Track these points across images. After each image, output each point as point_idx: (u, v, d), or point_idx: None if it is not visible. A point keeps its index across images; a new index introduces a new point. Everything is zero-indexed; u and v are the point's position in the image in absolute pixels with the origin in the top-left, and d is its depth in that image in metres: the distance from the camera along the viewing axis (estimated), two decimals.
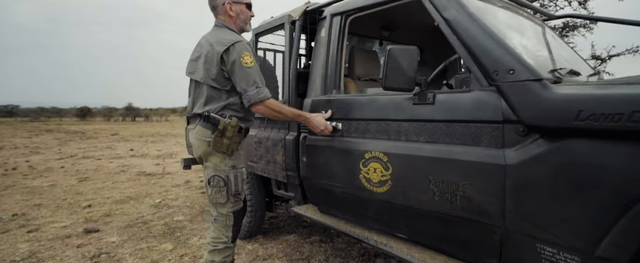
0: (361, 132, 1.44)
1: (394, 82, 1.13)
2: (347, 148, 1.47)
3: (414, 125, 1.22)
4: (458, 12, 1.06)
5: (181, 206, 3.44)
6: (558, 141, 0.86)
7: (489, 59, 0.97)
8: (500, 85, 0.95)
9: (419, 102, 1.19)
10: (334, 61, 1.74)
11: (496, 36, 0.99)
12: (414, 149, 1.20)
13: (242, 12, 1.54)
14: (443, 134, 1.11)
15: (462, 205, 1.02)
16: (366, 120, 1.42)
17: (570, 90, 0.85)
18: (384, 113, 1.33)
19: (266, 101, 1.43)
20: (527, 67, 0.91)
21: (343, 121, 1.52)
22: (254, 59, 1.45)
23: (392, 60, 1.13)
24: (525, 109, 0.90)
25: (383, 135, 1.34)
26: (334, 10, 1.81)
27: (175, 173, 5.23)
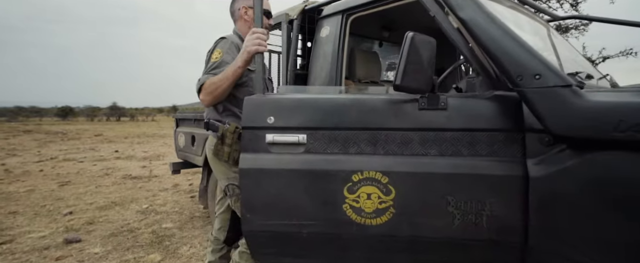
0: (343, 145, 1.06)
1: (413, 81, 0.93)
2: (320, 169, 1.06)
3: (421, 135, 1.02)
4: (475, 12, 0.99)
5: (170, 212, 3.29)
6: (591, 153, 0.80)
7: (512, 62, 0.89)
8: (524, 91, 0.88)
9: (428, 107, 1.02)
10: (335, 62, 1.66)
11: (519, 38, 0.91)
12: (425, 165, 1.00)
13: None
14: (462, 145, 0.99)
15: (489, 226, 0.93)
16: (351, 130, 1.06)
17: (607, 98, 0.78)
18: (380, 119, 1.05)
19: (202, 87, 1.31)
20: (555, 72, 0.84)
21: (310, 131, 1.08)
22: (222, 55, 1.37)
23: (414, 52, 0.92)
24: (554, 118, 0.83)
25: (379, 149, 1.04)
26: (335, 9, 1.73)
27: (162, 176, 5.05)
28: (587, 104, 0.79)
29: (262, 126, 1.11)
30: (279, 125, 1.11)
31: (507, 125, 0.95)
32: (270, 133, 1.10)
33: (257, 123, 1.11)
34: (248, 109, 1.13)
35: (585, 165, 0.80)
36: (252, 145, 1.12)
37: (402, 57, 0.94)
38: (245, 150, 1.13)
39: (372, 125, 1.06)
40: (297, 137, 1.10)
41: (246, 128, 1.13)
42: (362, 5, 1.59)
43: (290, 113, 1.11)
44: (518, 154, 0.92)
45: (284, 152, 1.10)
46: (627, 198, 0.75)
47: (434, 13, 1.09)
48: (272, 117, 1.11)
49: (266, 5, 1.49)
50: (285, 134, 1.11)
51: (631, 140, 0.73)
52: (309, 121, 1.10)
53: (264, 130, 1.11)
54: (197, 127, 2.75)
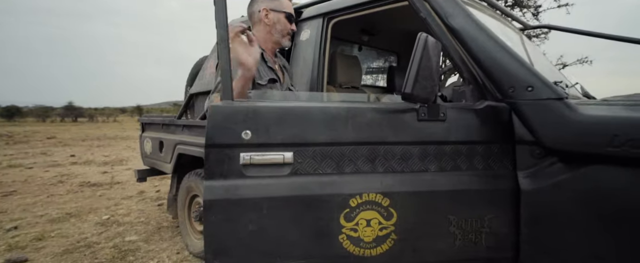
0: (337, 164, 0.91)
1: (422, 89, 0.84)
2: (312, 194, 0.90)
3: (422, 149, 0.94)
4: (466, 20, 0.97)
5: (134, 222, 3.05)
6: (584, 167, 0.80)
7: (504, 73, 0.88)
8: (517, 102, 0.87)
9: (429, 118, 0.94)
10: (316, 67, 1.60)
11: (510, 48, 0.91)
12: (427, 183, 0.92)
13: (278, 22, 1.34)
14: (461, 159, 0.94)
15: (487, 244, 0.91)
16: (348, 145, 0.92)
17: (600, 112, 0.79)
18: (380, 132, 0.93)
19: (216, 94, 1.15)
20: (548, 85, 0.84)
21: (298, 148, 0.91)
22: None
23: (427, 56, 0.84)
24: (547, 131, 0.83)
25: (379, 167, 0.93)
26: (316, 12, 1.67)
27: (126, 183, 4.71)
28: (580, 117, 0.79)
29: (234, 143, 0.88)
30: (258, 142, 0.89)
31: (500, 137, 0.93)
32: (246, 152, 0.88)
33: (228, 139, 0.87)
34: (215, 121, 0.88)
35: (578, 179, 0.80)
36: (220, 169, 0.87)
37: (414, 62, 0.85)
38: (211, 176, 0.87)
39: (371, 139, 0.93)
40: (282, 155, 0.89)
41: (212, 146, 0.87)
42: (345, 8, 1.55)
43: (272, 125, 0.90)
44: (509, 167, 0.92)
45: (265, 176, 0.89)
46: (620, 213, 0.75)
47: (425, 15, 1.06)
48: (248, 131, 0.88)
49: (289, 7, 1.37)
50: (266, 153, 0.89)
51: (625, 155, 0.73)
52: (296, 135, 0.90)
53: (238, 149, 0.88)
54: (166, 132, 2.57)
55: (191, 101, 2.40)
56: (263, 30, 1.36)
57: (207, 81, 2.15)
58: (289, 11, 1.36)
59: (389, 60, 2.49)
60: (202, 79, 2.22)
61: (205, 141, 0.88)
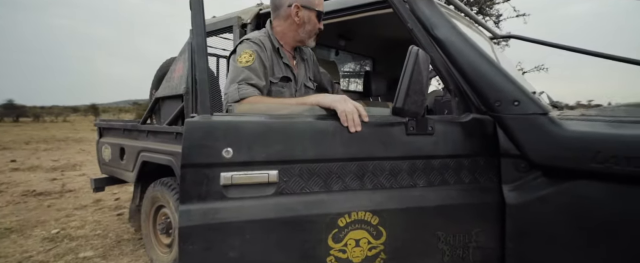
0: (325, 181, 0.88)
1: (413, 104, 0.83)
2: (299, 215, 0.86)
3: (411, 164, 0.92)
4: (450, 32, 0.97)
5: (89, 236, 2.79)
6: (568, 182, 0.82)
7: (490, 87, 0.90)
8: (502, 116, 0.88)
9: (417, 132, 0.93)
10: None
11: (495, 61, 0.92)
12: (416, 199, 0.91)
13: (309, 22, 1.25)
14: (449, 173, 0.94)
15: (474, 259, 0.92)
16: (336, 161, 0.89)
17: (585, 128, 0.81)
18: (369, 147, 0.90)
19: (246, 99, 1.07)
20: (533, 100, 0.86)
21: (284, 166, 0.86)
22: (255, 59, 1.14)
23: (418, 70, 0.83)
24: (533, 146, 0.85)
25: (367, 183, 0.90)
26: None
27: (80, 191, 4.32)
28: (565, 133, 0.82)
29: (214, 162, 0.82)
30: (240, 160, 0.83)
31: (486, 150, 0.95)
32: (227, 171, 0.82)
33: (207, 158, 0.82)
34: (192, 138, 0.82)
35: (562, 193, 0.82)
36: (198, 191, 0.81)
37: (405, 76, 0.84)
38: (188, 199, 0.80)
39: (360, 155, 0.90)
40: (266, 174, 0.84)
41: (188, 166, 0.81)
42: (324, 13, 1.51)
43: (256, 142, 0.85)
44: (495, 180, 0.93)
45: (248, 197, 0.84)
46: (603, 228, 0.78)
47: (412, 27, 1.05)
48: (229, 148, 0.82)
49: (321, 5, 1.27)
50: (249, 172, 0.83)
51: (608, 172, 0.76)
52: (281, 152, 0.86)
53: (218, 168, 0.82)
54: (128, 138, 2.38)
55: (157, 105, 2.24)
56: (289, 27, 1.26)
57: (175, 84, 2.02)
58: (321, 9, 1.28)
59: (364, 65, 2.50)
60: (170, 82, 2.07)
61: (181, 161, 0.81)
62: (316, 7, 1.27)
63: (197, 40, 0.84)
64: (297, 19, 1.24)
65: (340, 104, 0.93)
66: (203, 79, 0.84)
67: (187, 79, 1.88)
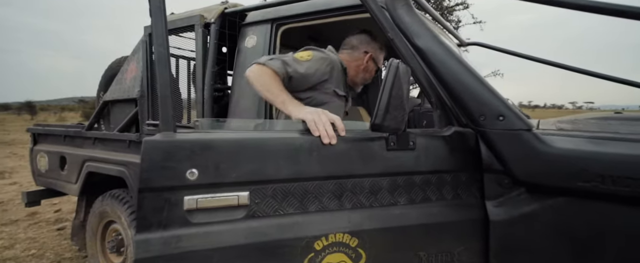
0: (300, 202, 0.84)
1: (393, 119, 0.81)
2: (272, 240, 0.81)
3: (391, 181, 0.89)
4: (432, 41, 0.94)
5: (21, 257, 2.44)
6: (552, 199, 0.82)
7: (474, 100, 0.88)
8: (486, 131, 0.87)
9: (398, 147, 0.89)
10: None
11: (478, 74, 0.91)
12: (397, 218, 0.87)
13: (370, 71, 1.41)
14: (430, 190, 0.91)
15: None
16: (312, 180, 0.84)
17: (569, 145, 0.81)
18: (348, 164, 0.87)
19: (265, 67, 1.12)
20: (518, 115, 0.85)
21: (255, 187, 0.81)
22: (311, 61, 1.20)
23: (398, 85, 0.80)
24: (518, 163, 0.84)
25: (346, 203, 0.86)
26: (263, 17, 1.52)
27: (10, 203, 3.79)
28: (551, 150, 0.81)
29: (176, 185, 0.75)
30: (207, 181, 0.77)
31: (469, 165, 0.92)
32: (192, 195, 0.76)
33: (169, 180, 0.75)
34: (151, 159, 0.74)
35: (547, 211, 0.82)
36: (157, 218, 0.74)
37: (385, 91, 0.80)
38: (146, 228, 0.73)
39: (338, 172, 0.86)
40: (236, 196, 0.78)
41: (147, 190, 0.74)
42: (297, 16, 1.43)
43: (224, 161, 0.78)
44: (478, 196, 0.91)
45: (215, 222, 0.77)
46: (588, 246, 0.79)
47: (393, 37, 1.01)
48: (194, 169, 0.76)
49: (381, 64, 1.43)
50: (217, 193, 0.77)
51: (595, 191, 0.76)
52: (253, 172, 0.80)
53: (181, 191, 0.75)
54: (71, 145, 2.11)
55: (106, 109, 2.01)
56: (355, 65, 1.39)
57: (128, 87, 1.81)
58: (381, 67, 1.47)
59: None
60: (121, 84, 1.86)
61: (139, 184, 0.73)
62: (379, 64, 1.45)
63: (159, 51, 0.78)
64: (365, 64, 1.39)
65: (310, 114, 0.91)
66: (165, 93, 0.78)
67: (141, 81, 1.70)
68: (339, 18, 1.35)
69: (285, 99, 1.05)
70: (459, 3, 6.66)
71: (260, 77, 1.11)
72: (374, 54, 1.39)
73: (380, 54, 1.43)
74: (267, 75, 1.10)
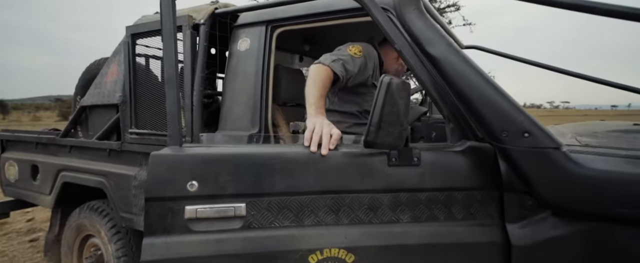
0: (296, 215, 0.85)
1: (387, 136, 0.79)
2: (267, 251, 0.83)
3: (393, 197, 0.87)
4: (448, 50, 0.87)
5: None
6: (583, 224, 0.76)
7: (496, 115, 0.81)
8: (508, 148, 0.80)
9: (400, 163, 0.87)
10: (259, 83, 1.35)
11: (498, 86, 0.84)
12: (398, 236, 0.85)
13: (399, 70, 1.53)
14: (438, 208, 0.86)
15: None
16: (308, 194, 0.85)
17: (604, 166, 0.75)
18: (345, 179, 0.86)
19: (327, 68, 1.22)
20: (545, 131, 0.79)
21: (252, 199, 0.85)
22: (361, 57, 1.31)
23: (391, 101, 0.78)
24: (545, 184, 0.77)
25: (343, 218, 0.86)
26: (257, 18, 1.41)
27: None
28: (585, 172, 0.75)
29: (179, 196, 0.83)
30: (206, 193, 0.83)
31: (485, 183, 0.86)
32: (192, 205, 0.83)
33: (171, 191, 0.83)
34: (156, 172, 0.83)
35: (577, 237, 0.76)
36: (162, 225, 0.82)
37: (376, 109, 0.80)
38: (151, 232, 0.82)
39: (334, 188, 0.86)
40: (233, 207, 0.83)
41: (153, 199, 0.82)
42: (294, 18, 1.33)
43: (222, 174, 0.84)
44: (495, 216, 0.85)
45: (213, 231, 0.83)
46: None
47: (400, 47, 0.94)
48: (194, 181, 0.83)
49: None
50: (216, 204, 0.83)
51: (634, 217, 0.71)
52: (249, 184, 0.85)
53: (183, 201, 0.83)
54: (44, 153, 1.96)
55: (83, 114, 1.86)
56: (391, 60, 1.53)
57: (108, 91, 1.67)
58: None
59: None
60: (100, 88, 1.72)
61: (145, 194, 0.84)
62: None
63: (168, 73, 0.84)
64: (397, 62, 1.51)
65: (312, 124, 0.93)
66: (173, 111, 0.86)
67: (123, 85, 1.57)
68: (339, 21, 1.27)
69: (313, 103, 1.08)
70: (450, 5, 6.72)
71: (316, 75, 1.18)
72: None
73: None
74: (320, 77, 1.18)
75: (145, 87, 1.55)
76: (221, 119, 1.43)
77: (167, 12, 0.88)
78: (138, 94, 1.56)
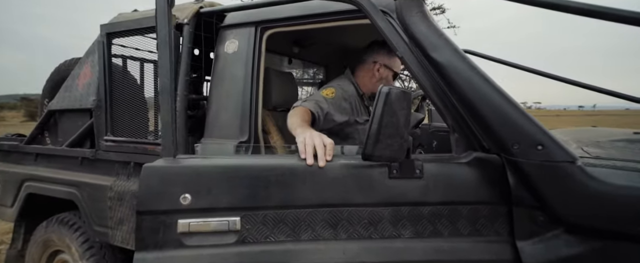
0: (292, 230, 0.83)
1: (387, 148, 0.76)
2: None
3: (393, 211, 0.84)
4: (454, 55, 0.83)
5: None
6: (600, 242, 0.73)
7: (507, 126, 0.77)
8: (520, 162, 0.76)
9: (402, 175, 0.84)
10: (248, 88, 1.28)
11: (508, 95, 0.80)
12: (399, 252, 0.82)
13: (386, 78, 1.43)
14: (442, 223, 0.82)
15: None
16: (305, 208, 0.83)
17: (623, 181, 0.72)
18: (344, 192, 0.84)
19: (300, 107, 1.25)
20: (559, 144, 0.75)
21: (247, 212, 0.83)
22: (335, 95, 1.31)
23: (389, 112, 0.74)
24: (560, 200, 0.74)
25: (341, 233, 0.83)
26: (245, 19, 1.33)
27: None
28: (604, 188, 0.72)
29: (171, 209, 0.82)
30: (199, 206, 0.82)
31: (492, 197, 0.82)
32: (185, 218, 0.82)
33: (164, 204, 0.82)
34: (149, 184, 0.82)
35: (593, 256, 0.72)
36: (154, 238, 0.81)
37: (374, 121, 0.76)
38: (143, 247, 0.80)
39: (333, 201, 0.84)
40: (227, 221, 0.82)
41: (145, 213, 0.81)
42: (287, 19, 1.26)
43: (216, 187, 0.83)
44: (503, 233, 0.81)
45: (207, 245, 0.82)
46: None
47: (402, 54, 0.89)
48: (187, 194, 0.82)
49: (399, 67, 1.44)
50: (209, 218, 0.82)
51: None
52: (244, 197, 0.83)
53: (175, 215, 0.82)
54: (5, 161, 1.80)
55: (52, 119, 1.71)
56: (369, 78, 1.44)
57: (80, 95, 1.54)
58: (397, 71, 1.44)
59: (317, 74, 2.31)
60: (71, 91, 1.58)
61: (136, 207, 0.82)
62: (395, 68, 1.44)
63: (163, 82, 0.83)
64: (377, 73, 1.42)
65: (303, 136, 0.91)
66: (168, 120, 0.83)
67: (98, 88, 1.44)
68: (334, 24, 1.21)
69: (298, 126, 1.06)
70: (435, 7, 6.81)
71: (294, 113, 1.20)
72: (384, 61, 1.41)
73: (391, 58, 1.42)
74: (299, 112, 1.20)
75: (122, 91, 1.43)
76: (207, 125, 1.33)
77: (162, 17, 0.82)
78: (114, 98, 1.44)
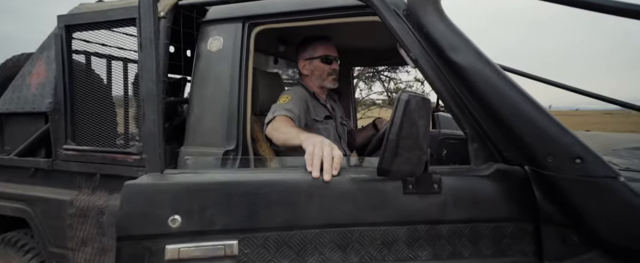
0: (297, 253, 0.76)
1: (405, 162, 0.68)
2: None
3: (409, 231, 0.77)
4: (477, 58, 0.75)
5: None
6: None
7: (539, 137, 0.70)
8: (553, 176, 0.69)
9: (418, 191, 0.76)
10: (235, 90, 1.15)
11: (539, 103, 0.73)
12: None
13: (316, 69, 1.43)
14: (462, 244, 0.75)
15: None
16: (311, 228, 0.76)
17: None
18: (353, 210, 0.77)
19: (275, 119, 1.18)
20: (600, 158, 0.69)
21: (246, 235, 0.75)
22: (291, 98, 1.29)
23: (409, 122, 0.67)
24: (601, 218, 0.67)
25: (352, 256, 0.76)
26: (231, 14, 1.19)
27: None
28: None
29: (158, 233, 0.72)
30: (191, 229, 0.73)
31: (517, 214, 0.75)
32: (174, 243, 0.73)
33: (149, 228, 0.72)
34: (130, 205, 0.72)
35: None
36: None
37: (392, 132, 0.68)
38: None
39: (342, 220, 0.76)
40: (223, 245, 0.74)
41: (126, 238, 0.72)
42: (279, 15, 1.14)
43: (210, 206, 0.74)
44: (529, 253, 0.74)
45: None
46: None
47: (416, 56, 0.81)
48: (177, 216, 0.72)
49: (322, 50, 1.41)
50: (202, 242, 0.73)
51: None
52: (243, 218, 0.74)
53: (163, 239, 0.72)
54: None
55: None
56: (308, 77, 1.45)
57: (32, 96, 1.33)
58: (322, 54, 1.40)
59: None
60: (21, 92, 1.36)
61: (116, 232, 0.73)
62: (316, 54, 1.41)
63: (149, 87, 0.76)
64: (307, 71, 1.43)
65: (312, 145, 0.83)
66: (153, 131, 0.75)
67: (55, 89, 1.24)
68: (332, 20, 1.10)
69: (296, 135, 1.00)
70: None
71: (278, 124, 1.14)
72: (307, 55, 1.42)
73: (313, 49, 1.41)
74: (283, 121, 1.14)
75: (85, 92, 1.25)
76: (187, 132, 1.18)
77: (146, 11, 0.72)
78: (76, 101, 1.25)
